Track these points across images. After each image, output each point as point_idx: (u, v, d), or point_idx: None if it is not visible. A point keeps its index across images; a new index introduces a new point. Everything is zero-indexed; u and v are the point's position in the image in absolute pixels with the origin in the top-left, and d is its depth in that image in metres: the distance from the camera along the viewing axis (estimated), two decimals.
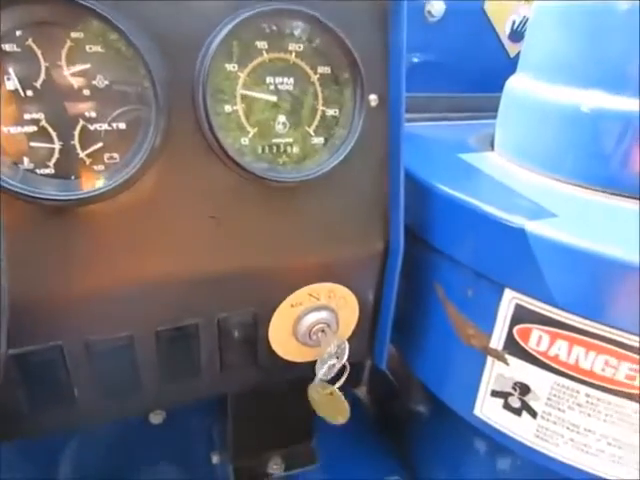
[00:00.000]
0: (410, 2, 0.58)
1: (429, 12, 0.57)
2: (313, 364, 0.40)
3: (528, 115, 0.45)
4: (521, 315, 0.36)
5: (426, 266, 0.43)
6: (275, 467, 0.65)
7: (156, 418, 0.67)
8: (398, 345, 0.51)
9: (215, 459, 0.68)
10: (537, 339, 0.35)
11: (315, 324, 0.39)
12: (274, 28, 0.33)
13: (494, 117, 0.51)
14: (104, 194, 0.30)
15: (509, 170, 0.45)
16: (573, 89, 0.41)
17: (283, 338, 0.40)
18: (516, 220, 0.34)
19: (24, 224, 0.30)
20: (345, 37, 0.34)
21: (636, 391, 0.33)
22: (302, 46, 0.34)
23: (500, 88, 0.49)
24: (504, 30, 0.63)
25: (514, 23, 0.62)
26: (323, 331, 0.40)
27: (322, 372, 0.38)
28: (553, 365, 0.35)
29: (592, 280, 0.32)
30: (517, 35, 0.63)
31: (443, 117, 0.65)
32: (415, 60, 0.65)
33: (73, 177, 0.31)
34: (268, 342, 0.39)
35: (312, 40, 0.34)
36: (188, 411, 0.70)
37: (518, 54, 0.50)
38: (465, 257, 0.39)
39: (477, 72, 0.65)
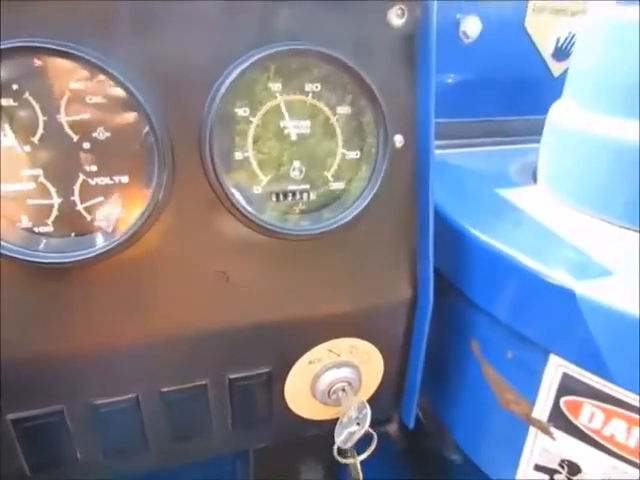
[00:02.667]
0: (442, 19, 0.55)
1: (464, 33, 0.53)
2: (334, 422, 0.37)
3: (575, 147, 0.41)
4: (570, 386, 0.31)
5: (461, 318, 0.39)
6: None
7: None
8: (429, 398, 0.46)
9: None
10: (589, 415, 0.31)
11: (335, 382, 0.36)
12: (290, 68, 0.31)
13: (537, 141, 0.46)
14: (105, 254, 0.28)
15: (555, 210, 0.40)
16: (625, 120, 0.36)
17: (300, 396, 0.37)
18: (564, 280, 0.30)
19: (22, 285, 0.28)
20: (365, 74, 0.31)
21: None
22: (319, 86, 0.31)
23: (543, 110, 0.45)
24: (547, 48, 0.58)
25: (558, 40, 0.57)
26: (344, 390, 0.36)
27: (341, 439, 0.34)
28: (608, 446, 0.30)
29: None
30: (562, 53, 0.58)
31: (481, 143, 0.61)
32: (449, 81, 0.61)
33: (73, 234, 0.29)
34: (284, 400, 0.37)
35: (330, 79, 0.31)
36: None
37: (563, 73, 0.45)
38: (504, 314, 0.34)
39: (518, 94, 0.60)
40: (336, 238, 0.33)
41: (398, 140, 0.33)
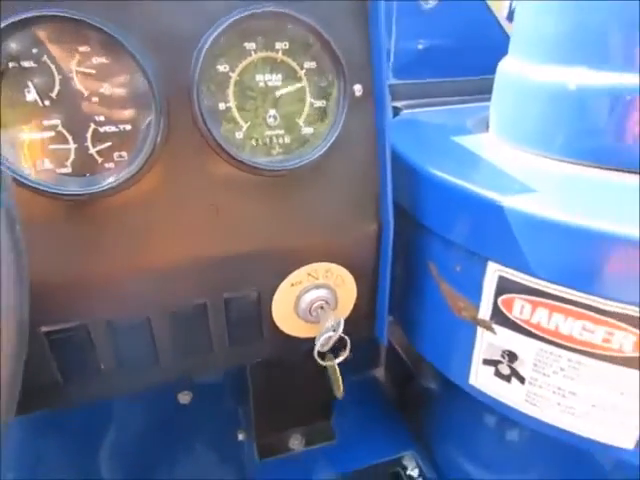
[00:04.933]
0: None
1: None
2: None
3: (518, 96, 0.47)
4: (504, 286, 0.38)
5: (420, 246, 0.46)
6: (296, 443, 0.69)
7: (184, 399, 0.72)
8: (401, 323, 0.53)
9: (241, 437, 0.73)
10: (520, 308, 0.37)
11: (314, 301, 0.43)
12: (262, 29, 0.36)
13: None
14: (114, 188, 0.34)
15: (501, 151, 0.47)
16: (559, 67, 0.42)
17: (286, 315, 0.43)
18: (494, 197, 0.36)
19: (47, 216, 0.34)
20: (327, 35, 0.37)
21: (613, 353, 0.34)
22: (288, 44, 0.37)
23: None
24: (502, 11, 0.63)
25: (510, 4, 0.63)
26: (322, 308, 0.43)
27: (320, 343, 0.41)
28: (536, 332, 0.37)
29: (567, 250, 0.33)
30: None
31: (447, 102, 0.66)
32: (419, 47, 0.67)
33: (88, 174, 0.35)
34: (272, 319, 0.43)
35: (297, 39, 0.37)
36: (214, 392, 0.74)
37: None
38: (453, 235, 0.41)
39: (478, 55, 0.65)
40: (307, 176, 0.40)
41: (357, 89, 0.39)
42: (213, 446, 0.75)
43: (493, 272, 0.38)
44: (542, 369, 0.38)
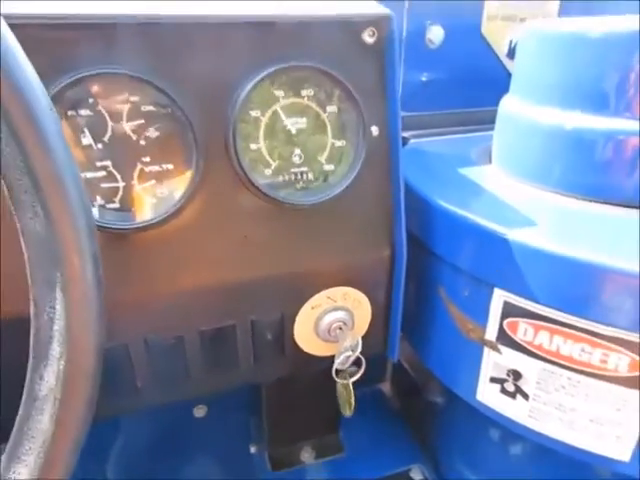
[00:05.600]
0: (413, 28, 0.65)
1: (430, 40, 0.63)
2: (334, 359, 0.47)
3: (518, 132, 0.51)
4: (509, 310, 0.41)
5: (430, 271, 0.49)
6: (306, 455, 0.72)
7: (199, 412, 0.75)
8: (411, 341, 0.57)
9: (253, 449, 0.75)
10: (524, 331, 0.41)
11: (333, 322, 0.46)
12: (289, 79, 0.41)
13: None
14: (156, 223, 0.38)
15: (503, 182, 0.51)
16: (556, 110, 0.46)
17: (306, 335, 0.47)
18: (497, 229, 0.40)
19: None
20: (347, 81, 0.41)
21: (609, 373, 0.38)
22: (312, 91, 0.41)
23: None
24: (501, 49, 0.68)
25: (510, 42, 0.67)
26: (340, 329, 0.46)
27: (338, 362, 0.45)
28: (538, 353, 0.41)
29: (564, 279, 0.37)
30: (514, 53, 0.68)
31: (449, 132, 0.71)
32: (423, 79, 0.71)
33: (133, 209, 0.39)
34: (293, 339, 0.46)
35: (320, 85, 0.41)
36: (228, 407, 0.77)
37: None
38: (460, 262, 0.45)
39: (480, 88, 0.70)
40: (328, 208, 0.43)
41: (374, 130, 0.43)
42: (226, 458, 0.78)
43: (499, 297, 0.42)
44: (544, 387, 0.42)
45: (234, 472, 0.78)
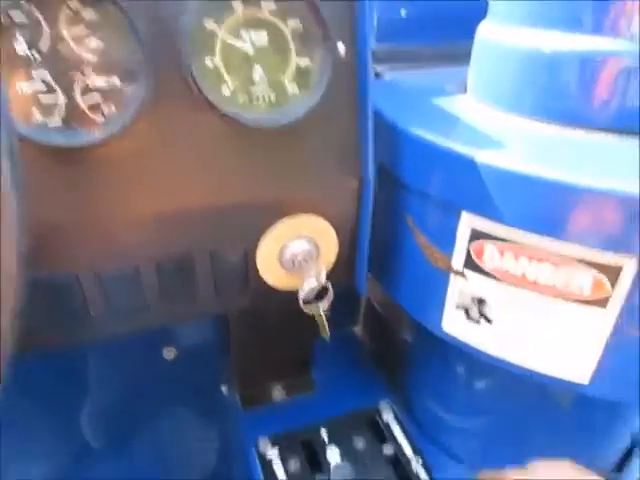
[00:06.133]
0: None
1: None
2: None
3: (495, 58, 0.49)
4: (476, 235, 0.41)
5: (398, 201, 0.48)
6: (277, 394, 0.73)
7: (169, 354, 0.74)
8: (380, 276, 0.56)
9: (225, 390, 0.76)
10: (490, 255, 0.40)
11: (298, 253, 0.45)
12: None
13: None
14: (103, 142, 0.35)
15: (477, 111, 0.49)
16: (534, 31, 0.44)
17: (270, 266, 0.46)
18: (470, 152, 0.39)
19: (36, 167, 0.35)
20: None
21: (573, 295, 0.38)
22: (274, 3, 0.38)
23: None
24: None
25: None
26: (305, 260, 0.45)
27: (304, 292, 0.44)
28: (503, 277, 0.40)
29: (532, 199, 0.37)
30: None
31: (427, 66, 0.68)
32: (402, 13, 0.68)
33: (78, 128, 0.36)
34: (256, 270, 0.45)
35: None
36: (198, 348, 0.77)
37: None
38: (430, 188, 0.43)
39: (461, 22, 0.67)
40: (292, 133, 0.41)
41: (341, 47, 0.41)
42: (197, 399, 0.78)
43: (466, 222, 0.41)
44: (508, 312, 0.42)
45: (206, 412, 0.79)
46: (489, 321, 0.43)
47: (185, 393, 0.76)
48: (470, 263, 0.42)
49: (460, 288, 0.44)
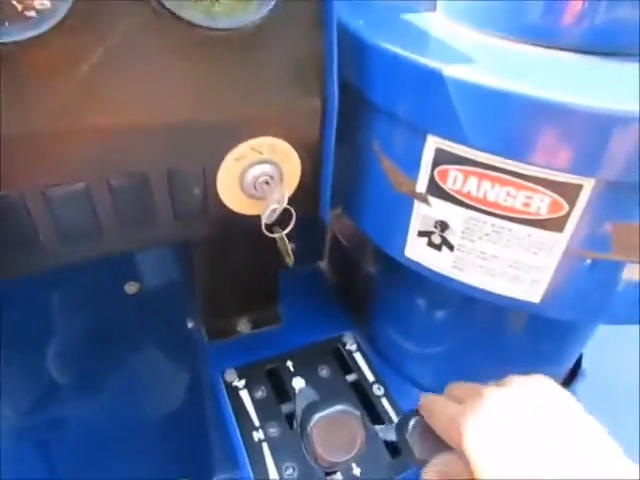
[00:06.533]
0: None
1: None
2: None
3: None
4: (440, 158, 0.40)
5: (364, 124, 0.46)
6: (243, 326, 0.73)
7: (131, 289, 0.73)
8: (344, 204, 0.55)
9: (190, 324, 0.75)
10: (453, 179, 0.40)
11: (259, 176, 0.43)
12: None
13: None
14: (35, 37, 0.32)
15: (446, 27, 0.47)
16: None
17: (230, 190, 0.44)
18: (434, 65, 0.37)
19: None
20: None
21: (531, 217, 0.38)
22: None
23: None
24: None
25: None
26: (267, 183, 0.43)
27: (266, 215, 0.42)
28: (466, 201, 0.40)
29: (495, 116, 0.35)
30: None
31: None
32: None
33: (7, 23, 0.32)
34: (216, 193, 0.43)
35: None
36: (162, 282, 0.76)
37: None
38: (396, 107, 0.42)
39: None
40: (249, 43, 0.38)
41: None
42: (163, 335, 0.78)
43: (431, 145, 0.40)
44: (469, 236, 0.42)
45: (173, 346, 0.79)
46: (451, 247, 0.43)
47: (151, 328, 0.76)
48: (434, 188, 0.41)
49: (423, 213, 0.43)
